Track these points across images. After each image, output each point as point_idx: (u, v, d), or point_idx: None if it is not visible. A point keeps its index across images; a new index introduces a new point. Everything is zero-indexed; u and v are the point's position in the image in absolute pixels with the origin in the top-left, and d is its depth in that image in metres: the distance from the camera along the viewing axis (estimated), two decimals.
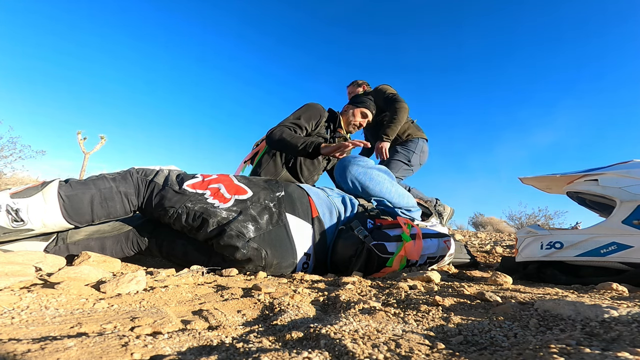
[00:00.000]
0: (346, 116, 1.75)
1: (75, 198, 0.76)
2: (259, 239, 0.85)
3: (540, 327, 0.36)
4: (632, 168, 0.74)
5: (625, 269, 0.72)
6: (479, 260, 1.81)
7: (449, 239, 1.12)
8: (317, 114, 1.62)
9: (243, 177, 0.96)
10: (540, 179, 0.94)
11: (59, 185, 0.76)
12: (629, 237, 0.69)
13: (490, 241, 2.81)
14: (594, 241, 0.74)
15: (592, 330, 0.32)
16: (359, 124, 1.75)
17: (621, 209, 0.71)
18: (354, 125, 1.74)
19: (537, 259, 0.85)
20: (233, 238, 0.81)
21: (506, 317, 0.40)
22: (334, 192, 1.13)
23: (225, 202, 0.85)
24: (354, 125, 1.75)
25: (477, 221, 6.24)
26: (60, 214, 0.74)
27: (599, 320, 0.34)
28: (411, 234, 1.02)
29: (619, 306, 0.37)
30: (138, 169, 0.86)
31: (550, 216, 5.89)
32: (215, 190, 0.87)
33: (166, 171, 0.88)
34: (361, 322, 0.38)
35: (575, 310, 0.37)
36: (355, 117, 1.73)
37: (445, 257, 1.12)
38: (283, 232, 0.90)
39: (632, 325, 0.31)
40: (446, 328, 0.38)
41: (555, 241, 0.81)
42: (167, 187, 0.83)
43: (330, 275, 0.92)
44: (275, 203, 0.91)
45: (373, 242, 0.96)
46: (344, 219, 1.06)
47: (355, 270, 0.95)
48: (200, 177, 0.90)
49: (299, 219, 0.94)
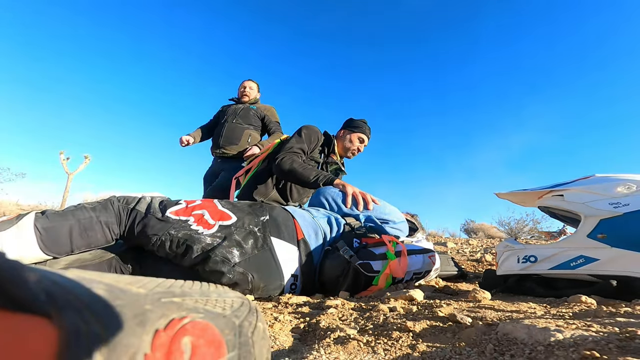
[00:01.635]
0: (342, 142, 1.71)
1: (53, 230, 0.75)
2: (245, 264, 0.86)
3: (495, 352, 0.38)
4: (593, 183, 0.79)
5: (595, 280, 0.76)
6: (469, 270, 1.83)
7: (434, 254, 1.15)
8: (315, 137, 1.61)
9: (227, 202, 0.99)
10: (515, 194, 0.98)
11: (35, 217, 0.76)
12: (594, 250, 0.73)
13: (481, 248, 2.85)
14: (564, 255, 0.77)
15: (536, 355, 0.34)
16: (357, 149, 1.72)
17: (586, 224, 0.75)
18: (352, 151, 1.71)
19: (515, 272, 0.89)
20: (218, 264, 0.83)
21: (468, 342, 0.43)
22: (319, 212, 1.16)
23: (209, 228, 0.86)
24: (352, 152, 1.71)
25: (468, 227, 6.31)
26: (37, 247, 0.74)
27: (546, 344, 0.37)
28: (396, 252, 1.04)
29: (567, 328, 0.40)
30: (119, 197, 0.88)
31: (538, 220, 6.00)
32: (199, 216, 0.89)
33: (149, 198, 0.89)
34: (331, 355, 0.40)
35: (528, 334, 0.40)
36: (353, 143, 1.70)
37: (431, 272, 1.15)
38: (269, 256, 0.91)
39: (569, 350, 0.34)
40: (411, 357, 0.40)
41: (530, 255, 0.84)
42: (149, 214, 0.84)
43: (318, 296, 0.93)
44: (260, 227, 0.93)
45: (359, 262, 0.98)
46: (330, 239, 1.08)
47: (342, 290, 0.97)
48: (183, 203, 0.91)
49: (284, 241, 0.96)
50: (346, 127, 1.75)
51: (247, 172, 1.73)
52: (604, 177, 0.80)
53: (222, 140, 2.24)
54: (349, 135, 1.70)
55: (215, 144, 2.29)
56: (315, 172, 1.39)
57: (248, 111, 2.34)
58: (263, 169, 1.66)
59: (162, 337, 0.19)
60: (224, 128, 2.26)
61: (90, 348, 0.16)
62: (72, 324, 0.16)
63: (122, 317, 0.19)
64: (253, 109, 2.36)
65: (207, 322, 0.21)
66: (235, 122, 2.27)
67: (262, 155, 1.73)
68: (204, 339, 0.20)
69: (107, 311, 0.19)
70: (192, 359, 0.19)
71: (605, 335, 0.37)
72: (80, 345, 0.16)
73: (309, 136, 1.58)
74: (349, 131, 1.71)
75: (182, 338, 0.19)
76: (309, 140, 1.57)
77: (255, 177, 1.65)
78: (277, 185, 1.63)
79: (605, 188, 0.75)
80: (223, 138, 2.24)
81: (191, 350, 0.19)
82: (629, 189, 0.73)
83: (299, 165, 1.42)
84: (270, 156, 1.69)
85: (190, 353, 0.19)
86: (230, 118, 2.29)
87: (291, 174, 1.42)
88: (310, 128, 1.62)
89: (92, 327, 0.17)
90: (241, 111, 2.32)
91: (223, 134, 2.25)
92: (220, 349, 0.20)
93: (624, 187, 0.74)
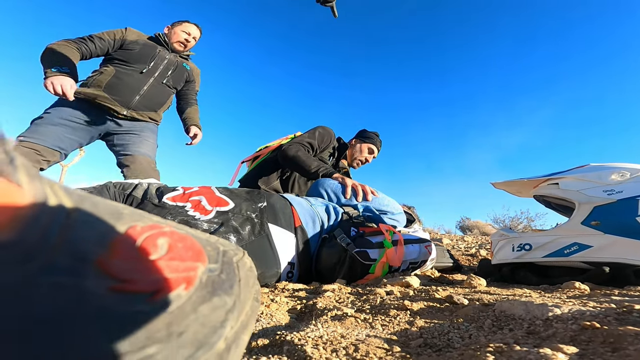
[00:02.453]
0: (351, 150, 1.72)
1: None
2: None
3: (493, 327, 0.38)
4: (588, 172, 0.80)
5: (588, 267, 0.77)
6: (464, 263, 1.85)
7: (430, 244, 1.16)
8: (328, 138, 1.60)
9: (225, 188, 0.97)
10: (510, 184, 0.99)
11: None
12: (588, 237, 0.74)
13: (475, 244, 2.89)
14: (557, 242, 0.78)
15: (535, 328, 0.34)
16: (364, 159, 1.72)
17: (580, 211, 0.76)
18: (359, 160, 1.71)
19: (509, 260, 0.89)
20: None
21: (466, 318, 0.43)
22: (317, 201, 1.15)
23: (206, 214, 0.85)
24: (359, 161, 1.71)
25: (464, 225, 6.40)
26: None
27: (544, 318, 0.37)
28: (393, 241, 1.04)
29: (564, 304, 0.40)
30: (115, 183, 0.86)
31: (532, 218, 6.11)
32: (196, 202, 0.87)
33: (145, 185, 0.88)
34: (328, 329, 0.40)
35: (526, 310, 0.40)
36: (362, 153, 1.70)
37: (427, 262, 1.15)
38: (266, 243, 0.91)
39: (568, 322, 0.34)
40: (409, 332, 0.40)
41: (525, 243, 0.85)
42: (146, 200, 0.83)
43: (314, 284, 0.93)
44: (258, 214, 0.93)
45: (356, 250, 0.98)
46: (327, 227, 1.08)
47: (339, 278, 0.97)
48: (181, 189, 0.90)
49: (281, 229, 0.95)
50: (358, 136, 1.76)
51: (255, 158, 1.71)
52: (599, 165, 0.80)
53: (140, 100, 1.52)
54: (360, 144, 1.71)
55: (123, 101, 1.48)
56: (317, 163, 1.40)
57: (183, 71, 1.69)
58: (270, 159, 1.65)
59: (137, 229, 0.18)
60: (146, 84, 1.53)
61: (56, 222, 0.15)
62: (40, 193, 0.15)
63: (96, 207, 0.18)
64: (187, 68, 1.71)
65: (188, 235, 0.20)
66: (165, 83, 1.60)
67: (273, 147, 1.72)
68: (183, 243, 0.19)
69: (81, 198, 0.18)
70: (167, 254, 0.17)
71: (603, 310, 0.38)
72: (44, 216, 0.14)
73: (322, 135, 1.57)
74: (361, 141, 1.72)
75: (158, 237, 0.18)
76: (321, 139, 1.56)
77: (261, 165, 1.64)
78: (282, 177, 1.63)
79: (600, 176, 0.76)
80: (143, 98, 1.53)
81: (168, 248, 0.18)
82: (622, 177, 0.74)
83: (303, 154, 1.42)
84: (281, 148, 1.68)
85: (166, 249, 0.18)
86: (161, 73, 1.57)
87: (293, 161, 1.42)
88: (326, 129, 1.62)
89: (62, 207, 0.16)
90: (176, 68, 1.63)
91: (144, 93, 1.53)
92: (200, 256, 0.19)
93: (618, 175, 0.75)
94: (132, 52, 1.52)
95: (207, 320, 0.16)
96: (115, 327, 0.13)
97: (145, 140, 1.59)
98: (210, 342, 0.16)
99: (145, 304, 0.15)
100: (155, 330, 0.14)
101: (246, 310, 0.20)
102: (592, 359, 0.26)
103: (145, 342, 0.14)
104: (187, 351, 0.15)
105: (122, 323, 0.14)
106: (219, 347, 0.16)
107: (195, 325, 0.16)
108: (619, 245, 0.70)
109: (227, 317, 0.17)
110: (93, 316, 0.13)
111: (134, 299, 0.15)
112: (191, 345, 0.15)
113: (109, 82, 1.47)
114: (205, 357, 0.15)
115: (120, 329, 0.13)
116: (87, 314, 0.13)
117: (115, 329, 0.13)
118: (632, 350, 0.26)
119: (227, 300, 0.18)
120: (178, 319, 0.15)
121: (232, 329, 0.18)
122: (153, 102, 1.60)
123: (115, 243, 0.16)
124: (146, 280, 0.15)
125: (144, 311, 0.15)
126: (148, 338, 0.14)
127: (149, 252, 0.17)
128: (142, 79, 1.54)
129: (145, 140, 1.59)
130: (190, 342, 0.15)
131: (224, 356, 0.17)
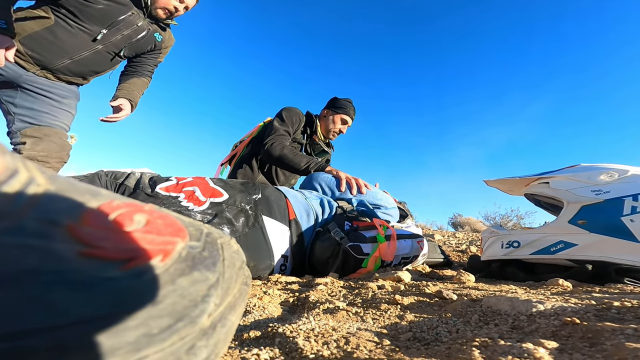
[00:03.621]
0: (325, 122, 1.68)
1: None
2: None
3: (480, 322, 0.40)
4: (578, 172, 0.81)
5: (572, 265, 0.80)
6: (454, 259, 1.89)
7: (422, 240, 1.18)
8: (297, 118, 1.58)
9: (220, 179, 0.97)
10: (503, 182, 1.01)
11: None
12: (574, 235, 0.77)
13: (466, 241, 2.95)
14: (544, 240, 0.80)
15: (519, 323, 0.36)
16: (339, 131, 1.69)
17: (568, 210, 0.78)
18: (334, 132, 1.67)
19: (498, 257, 0.92)
20: None
21: (454, 313, 0.44)
22: (312, 194, 1.16)
23: (200, 205, 0.85)
24: (334, 133, 1.68)
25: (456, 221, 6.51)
26: None
27: (528, 314, 0.38)
28: (386, 235, 1.06)
29: (548, 300, 0.42)
30: (107, 172, 0.84)
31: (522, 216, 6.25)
32: (190, 193, 0.87)
33: (138, 174, 0.86)
34: (320, 321, 0.40)
35: (511, 306, 0.41)
36: (336, 124, 1.66)
37: (419, 257, 1.17)
38: (260, 235, 0.91)
39: (550, 318, 0.35)
40: (399, 325, 0.41)
41: (514, 240, 0.87)
42: (138, 190, 0.81)
43: (307, 277, 0.94)
44: (252, 205, 0.92)
45: (349, 244, 0.99)
46: (321, 221, 1.09)
47: (332, 272, 0.98)
48: (174, 180, 0.89)
49: (275, 221, 0.96)
50: (330, 106, 1.69)
51: (232, 158, 1.70)
52: (589, 166, 0.82)
53: (68, 65, 1.13)
54: (332, 115, 1.66)
55: (43, 60, 1.09)
56: (306, 159, 1.37)
57: (150, 41, 1.29)
58: (247, 154, 1.64)
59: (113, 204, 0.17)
60: (88, 50, 1.13)
61: (25, 191, 0.14)
62: (12, 166, 0.15)
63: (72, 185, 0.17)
64: (157, 39, 1.31)
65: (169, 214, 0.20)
66: (116, 53, 1.22)
67: (247, 140, 1.70)
68: (163, 220, 0.19)
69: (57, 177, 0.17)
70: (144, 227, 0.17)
71: (584, 306, 0.39)
72: (14, 183, 0.14)
73: (290, 118, 1.54)
74: (333, 112, 1.66)
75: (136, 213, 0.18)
76: (291, 122, 1.53)
77: (239, 164, 1.63)
78: (262, 169, 1.62)
79: (589, 176, 0.78)
80: (73, 63, 1.13)
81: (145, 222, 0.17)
82: (611, 177, 0.76)
83: (290, 152, 1.39)
84: (254, 140, 1.66)
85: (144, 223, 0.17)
86: (116, 43, 1.18)
87: (280, 160, 1.39)
88: (291, 110, 1.58)
89: (33, 179, 0.15)
90: (142, 38, 1.24)
91: (79, 59, 1.13)
92: (180, 232, 0.18)
93: (607, 175, 0.76)
94: (90, 7, 1.07)
95: (187, 293, 0.16)
96: (83, 290, 0.13)
97: (64, 111, 1.18)
98: (191, 315, 0.16)
99: (117, 271, 0.14)
100: (127, 296, 0.14)
101: (234, 292, 0.19)
102: (571, 353, 0.27)
103: (115, 307, 0.14)
104: (165, 321, 0.15)
105: (91, 286, 0.13)
106: (203, 322, 0.16)
107: (174, 296, 0.16)
108: (603, 244, 0.73)
109: (209, 293, 0.17)
110: (61, 278, 0.13)
111: (104, 265, 0.14)
112: (169, 316, 0.15)
113: (36, 35, 1.04)
114: (187, 330, 0.15)
115: (88, 292, 0.13)
116: (55, 275, 0.13)
117: (83, 291, 0.13)
118: (609, 346, 0.27)
119: (209, 275, 0.18)
120: (153, 288, 0.15)
121: (217, 306, 0.17)
122: (86, 68, 1.18)
123: (87, 214, 0.16)
124: (118, 248, 0.15)
125: (116, 277, 0.14)
126: (118, 303, 0.14)
127: (123, 224, 0.16)
128: (84, 44, 1.11)
129: (65, 111, 1.18)
130: (168, 313, 0.15)
131: (209, 333, 0.16)
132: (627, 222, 0.71)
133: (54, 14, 1.07)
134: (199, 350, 0.16)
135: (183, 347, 0.15)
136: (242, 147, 1.68)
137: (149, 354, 0.14)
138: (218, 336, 0.17)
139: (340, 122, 1.68)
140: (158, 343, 0.14)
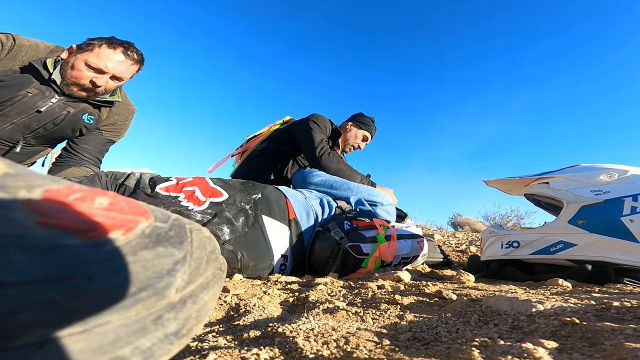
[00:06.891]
0: (346, 134, 1.69)
1: None
2: (235, 242, 0.86)
3: (479, 322, 0.40)
4: (578, 172, 0.82)
5: (571, 265, 0.80)
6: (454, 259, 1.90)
7: (422, 240, 1.18)
8: (329, 127, 1.59)
9: (219, 179, 0.97)
10: (502, 182, 1.01)
11: None
12: (574, 235, 0.77)
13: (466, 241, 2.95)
14: (544, 240, 0.81)
15: (519, 323, 0.36)
16: (357, 146, 1.69)
17: (567, 210, 0.78)
18: (351, 146, 1.68)
19: (498, 257, 0.92)
20: None
21: (454, 313, 0.44)
22: (312, 194, 1.16)
23: (199, 205, 0.85)
24: (351, 147, 1.69)
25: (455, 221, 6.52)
26: None
27: (527, 314, 0.38)
28: (386, 236, 1.06)
29: (547, 300, 0.42)
30: (107, 172, 0.85)
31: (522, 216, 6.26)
32: (190, 193, 0.87)
33: (138, 174, 0.86)
34: (320, 321, 0.40)
35: (511, 306, 0.41)
36: (357, 139, 1.67)
37: (419, 258, 1.17)
38: (259, 234, 0.91)
39: (550, 318, 0.35)
40: (399, 325, 0.41)
41: (513, 240, 0.87)
42: (138, 190, 0.82)
43: (307, 277, 0.94)
44: (252, 205, 0.92)
45: (349, 244, 0.99)
46: (321, 220, 1.09)
47: (332, 272, 0.98)
48: (174, 179, 0.89)
49: (275, 221, 0.96)
50: (354, 120, 1.71)
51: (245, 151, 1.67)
52: (589, 166, 0.82)
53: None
54: (356, 130, 1.68)
55: None
56: (359, 176, 1.38)
57: (73, 123, 1.03)
58: (260, 151, 1.61)
59: (75, 187, 0.18)
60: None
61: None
62: None
63: (31, 171, 0.18)
64: (87, 122, 1.05)
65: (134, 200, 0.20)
66: (20, 144, 0.97)
67: (261, 136, 1.68)
68: (127, 203, 0.19)
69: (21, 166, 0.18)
70: (108, 207, 0.17)
71: (583, 306, 0.39)
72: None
73: (323, 125, 1.55)
74: (357, 126, 1.69)
75: (99, 195, 0.18)
76: (325, 130, 1.54)
77: (251, 159, 1.60)
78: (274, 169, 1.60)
79: (589, 176, 0.78)
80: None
81: (108, 204, 0.18)
82: (610, 177, 0.76)
83: (346, 167, 1.39)
84: (271, 138, 1.63)
85: (106, 204, 0.18)
86: (12, 130, 0.94)
87: (337, 174, 1.39)
88: (320, 118, 1.58)
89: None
90: (59, 123, 0.99)
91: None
92: (145, 213, 0.19)
93: (607, 176, 0.77)
94: None
95: (150, 265, 0.16)
96: (39, 254, 0.14)
97: None
98: (156, 286, 0.16)
99: (75, 240, 0.15)
100: (85, 262, 0.14)
101: (206, 274, 0.19)
102: (571, 353, 0.27)
103: (73, 271, 0.14)
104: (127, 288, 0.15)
105: (47, 251, 0.14)
106: (170, 296, 0.16)
107: (136, 266, 0.16)
108: (603, 244, 0.73)
109: (175, 268, 0.17)
110: (18, 241, 0.13)
111: (62, 233, 0.15)
112: (132, 285, 0.15)
113: None
114: (152, 300, 0.16)
115: (44, 255, 0.14)
116: (12, 238, 0.13)
117: (40, 255, 0.14)
118: (608, 345, 0.27)
119: (175, 252, 0.18)
120: (113, 257, 0.15)
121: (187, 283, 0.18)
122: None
123: (47, 192, 0.16)
124: (75, 220, 0.16)
125: (73, 245, 0.15)
126: (76, 268, 0.14)
127: (84, 202, 0.17)
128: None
129: None
130: (130, 281, 0.15)
131: (178, 308, 0.17)
132: (626, 222, 0.71)
133: None
134: (167, 322, 0.16)
135: (149, 317, 0.15)
136: (255, 142, 1.65)
137: (112, 319, 0.14)
138: (189, 311, 0.17)
139: (362, 139, 1.69)
140: (121, 310, 0.14)
